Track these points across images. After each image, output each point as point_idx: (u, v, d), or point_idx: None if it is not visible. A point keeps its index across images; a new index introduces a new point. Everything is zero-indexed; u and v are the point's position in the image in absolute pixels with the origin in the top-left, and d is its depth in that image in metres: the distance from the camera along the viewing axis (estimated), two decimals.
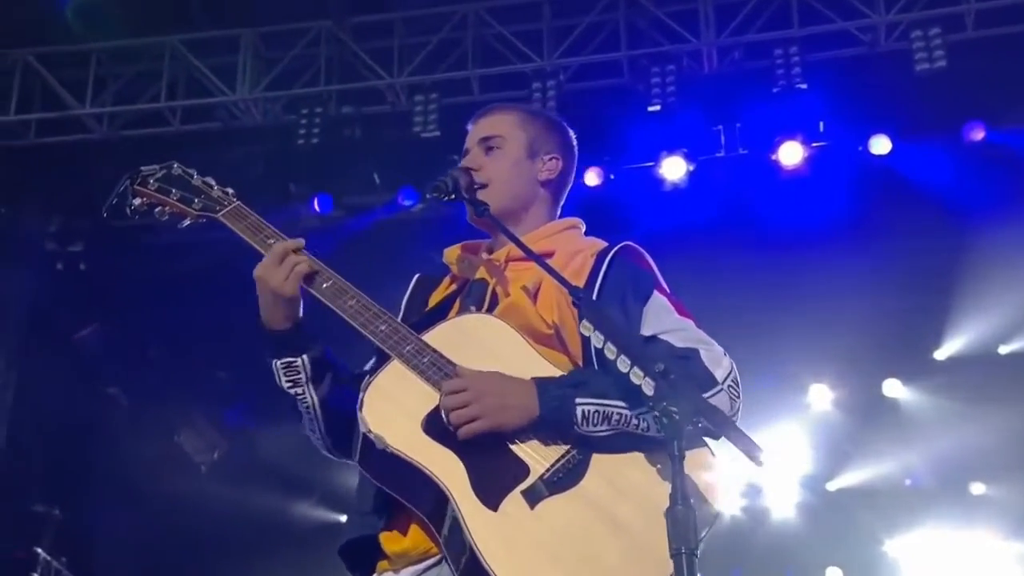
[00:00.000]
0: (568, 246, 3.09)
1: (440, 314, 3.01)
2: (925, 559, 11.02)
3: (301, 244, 2.95)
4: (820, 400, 11.01)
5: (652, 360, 2.52)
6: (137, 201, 3.12)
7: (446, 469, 2.62)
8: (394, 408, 2.71)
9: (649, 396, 2.49)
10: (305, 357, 2.91)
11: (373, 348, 2.93)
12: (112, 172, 3.16)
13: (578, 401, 2.67)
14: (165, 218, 3.12)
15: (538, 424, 2.68)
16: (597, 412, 2.67)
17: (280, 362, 2.91)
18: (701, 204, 9.11)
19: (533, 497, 2.62)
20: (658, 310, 2.92)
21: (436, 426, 2.68)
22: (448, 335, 2.84)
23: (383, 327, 2.83)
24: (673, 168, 9.03)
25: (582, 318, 2.65)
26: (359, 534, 2.85)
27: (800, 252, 9.15)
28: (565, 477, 2.65)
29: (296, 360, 2.91)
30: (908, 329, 10.23)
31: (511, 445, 2.69)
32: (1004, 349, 10.35)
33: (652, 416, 2.52)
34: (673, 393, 2.45)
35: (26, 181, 9.64)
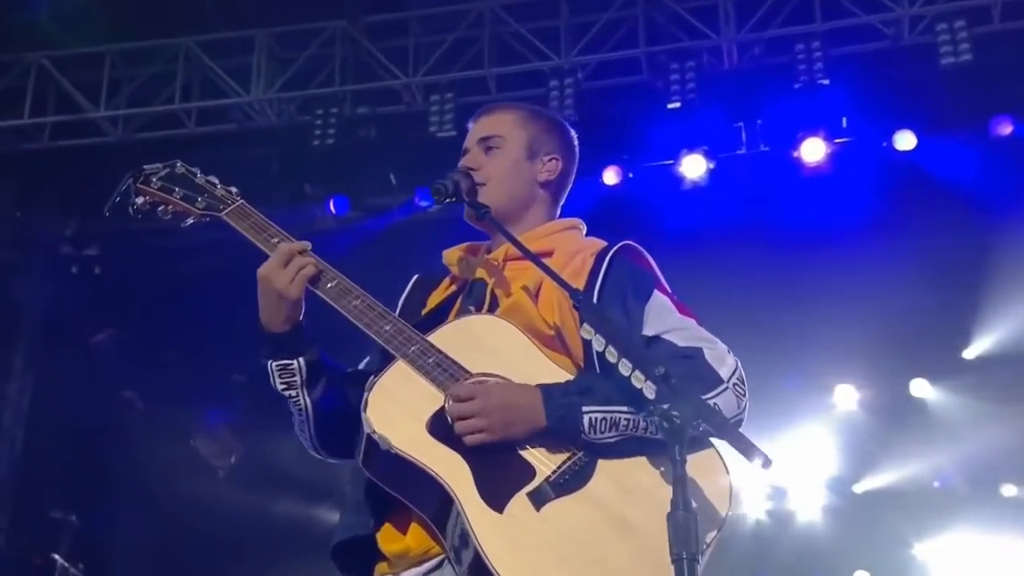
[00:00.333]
0: (568, 246, 3.10)
1: (440, 315, 3.02)
2: (955, 563, 10.95)
3: (307, 246, 2.96)
4: (846, 401, 10.97)
5: (654, 363, 2.52)
6: (140, 200, 3.13)
7: (451, 470, 2.63)
8: (399, 409, 2.72)
9: (650, 400, 2.49)
10: (301, 360, 2.92)
11: (375, 347, 2.94)
12: (127, 175, 3.16)
13: (585, 409, 2.67)
14: (168, 217, 3.14)
15: (545, 433, 2.69)
16: (604, 420, 2.67)
17: (276, 364, 2.93)
18: (722, 203, 9.08)
19: (539, 499, 2.62)
20: (660, 310, 2.93)
21: (441, 427, 2.69)
22: (453, 336, 2.85)
23: (388, 327, 2.84)
24: (693, 166, 9.00)
25: (583, 321, 2.66)
26: (352, 535, 2.84)
27: (824, 251, 9.10)
28: (572, 479, 2.65)
29: (292, 363, 2.92)
30: (935, 328, 10.16)
31: (517, 447, 2.69)
32: None
33: (654, 420, 2.52)
34: (674, 397, 2.45)
35: (41, 185, 9.72)
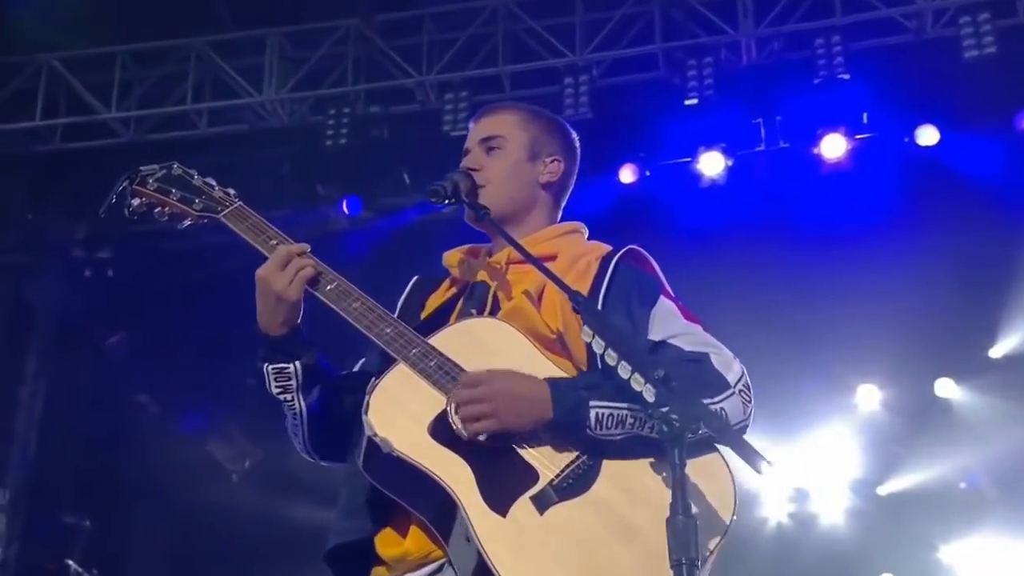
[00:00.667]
0: (571, 250, 3.10)
1: (441, 318, 3.02)
2: (982, 566, 10.87)
3: (306, 248, 2.96)
4: (869, 401, 10.91)
5: (654, 366, 2.52)
6: (136, 202, 3.14)
7: (453, 473, 2.63)
8: (400, 411, 2.72)
9: (650, 403, 2.49)
10: (297, 364, 2.92)
11: (373, 350, 2.95)
12: None
13: (592, 404, 2.67)
14: (165, 219, 3.14)
15: (550, 427, 2.68)
16: (611, 416, 2.67)
17: (272, 367, 2.92)
18: (741, 200, 9.07)
19: (542, 503, 2.62)
20: (665, 315, 2.93)
21: (443, 430, 2.68)
22: (455, 339, 2.85)
23: (388, 330, 2.84)
24: (711, 163, 8.99)
25: (583, 324, 2.66)
26: (348, 539, 2.84)
27: (845, 249, 9.07)
28: (575, 483, 2.65)
29: (288, 366, 2.92)
30: (960, 326, 10.10)
31: (520, 450, 2.69)
32: None
33: (654, 422, 2.51)
34: (674, 399, 2.45)
35: (52, 187, 9.77)
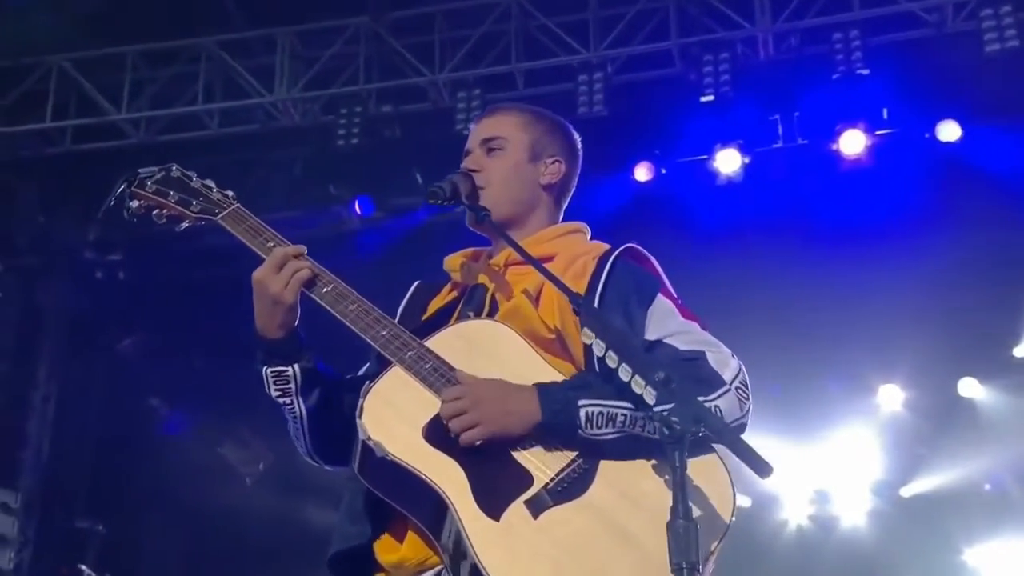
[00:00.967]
0: (570, 250, 3.10)
1: (441, 321, 3.02)
2: (1007, 569, 10.82)
3: (303, 250, 2.97)
4: (891, 401, 10.88)
5: (654, 367, 2.52)
6: (135, 204, 3.15)
7: (447, 477, 2.63)
8: (394, 415, 2.73)
9: (651, 405, 2.49)
10: (296, 367, 2.93)
11: (372, 353, 2.96)
12: None
13: (581, 403, 2.68)
14: (163, 221, 3.16)
15: (541, 430, 2.69)
16: (601, 414, 2.67)
17: (270, 370, 2.94)
18: (758, 198, 9.06)
19: (537, 507, 2.62)
20: (662, 314, 2.92)
21: (438, 434, 2.69)
22: (451, 341, 2.85)
23: (384, 332, 2.85)
24: (728, 161, 8.97)
25: (583, 326, 2.66)
26: (349, 544, 2.85)
27: (864, 247, 9.04)
28: (570, 486, 2.65)
29: (287, 369, 2.93)
30: (984, 325, 10.06)
31: (514, 453, 2.69)
32: None
33: (654, 425, 2.51)
34: (674, 401, 2.45)
35: (63, 189, 9.83)
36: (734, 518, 2.63)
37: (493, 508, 2.61)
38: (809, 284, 9.34)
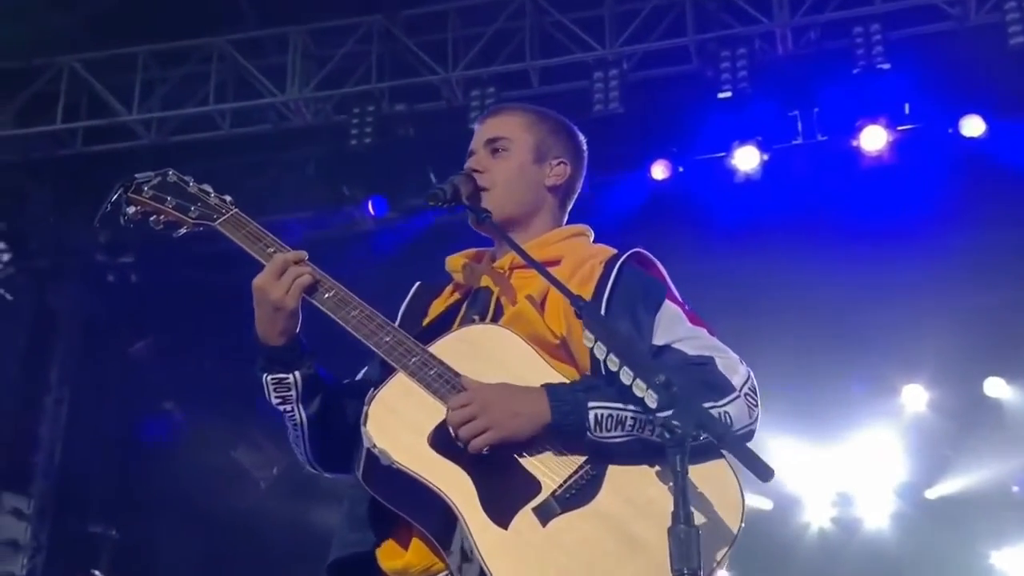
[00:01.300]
0: (575, 253, 3.10)
1: (444, 324, 3.03)
2: None
3: (304, 256, 2.97)
4: (915, 402, 10.84)
5: (655, 371, 2.53)
6: (131, 210, 3.16)
7: (454, 485, 2.64)
8: (399, 422, 2.74)
9: (652, 409, 2.50)
10: (297, 374, 2.93)
11: (374, 359, 2.96)
12: None
13: (591, 405, 2.68)
14: (160, 227, 3.16)
15: (550, 432, 2.69)
16: (610, 416, 2.68)
17: (271, 377, 2.94)
18: (777, 196, 9.04)
19: (545, 514, 2.63)
20: (670, 319, 2.93)
21: (443, 441, 2.70)
22: (455, 346, 2.86)
23: (387, 338, 2.85)
24: (746, 158, 8.97)
25: (585, 329, 2.67)
26: (350, 551, 2.86)
27: (887, 245, 9.02)
28: (579, 493, 2.66)
29: (287, 377, 2.93)
30: (1010, 323, 10.00)
31: (522, 460, 2.70)
32: None
33: (656, 429, 2.52)
34: (676, 405, 2.45)
35: (74, 191, 9.88)
36: (743, 524, 2.62)
37: (501, 516, 2.62)
38: (830, 283, 9.31)
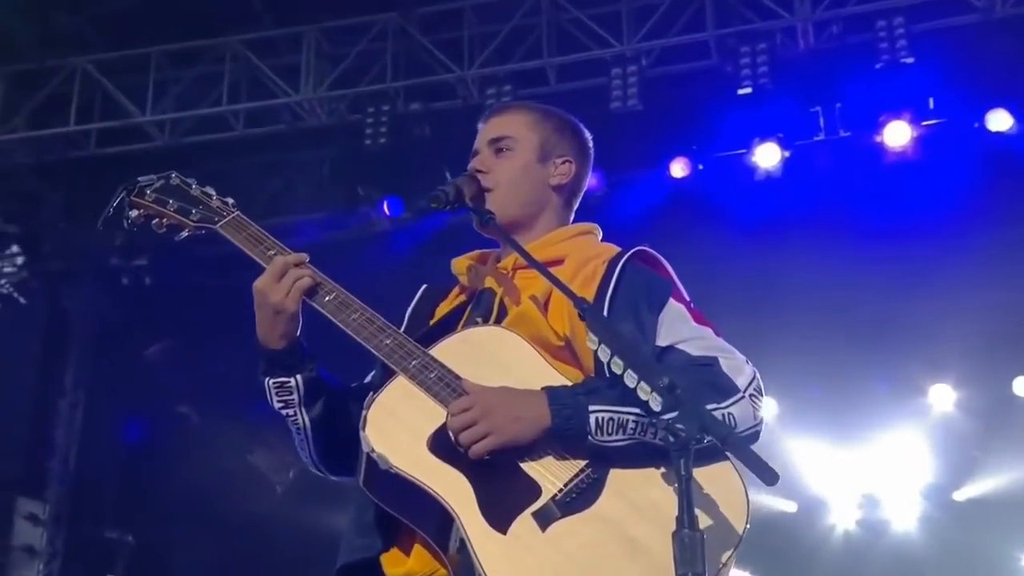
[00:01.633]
0: (580, 253, 3.09)
1: (448, 326, 3.03)
2: None
3: (304, 258, 2.99)
4: (942, 402, 10.79)
5: (659, 373, 2.53)
6: (134, 213, 3.21)
7: (452, 490, 2.65)
8: (398, 426, 2.75)
9: (656, 412, 2.50)
10: (299, 377, 2.96)
11: (377, 362, 2.96)
12: None
13: (591, 408, 2.68)
14: (163, 230, 3.20)
15: (551, 436, 2.69)
16: (612, 420, 2.67)
17: (272, 381, 2.97)
18: (799, 194, 9.02)
19: (545, 519, 2.63)
20: (674, 319, 2.92)
21: (443, 445, 2.70)
22: (457, 349, 2.86)
23: (388, 341, 2.86)
24: (767, 155, 8.95)
25: (588, 331, 2.66)
26: (356, 557, 2.87)
27: (911, 243, 8.99)
28: (579, 497, 2.66)
29: (289, 380, 2.96)
30: None
31: (522, 464, 2.70)
32: None
33: (659, 432, 2.52)
34: (679, 408, 2.46)
35: (88, 193, 9.94)
36: (748, 525, 2.62)
37: (500, 520, 2.62)
38: (854, 282, 9.29)
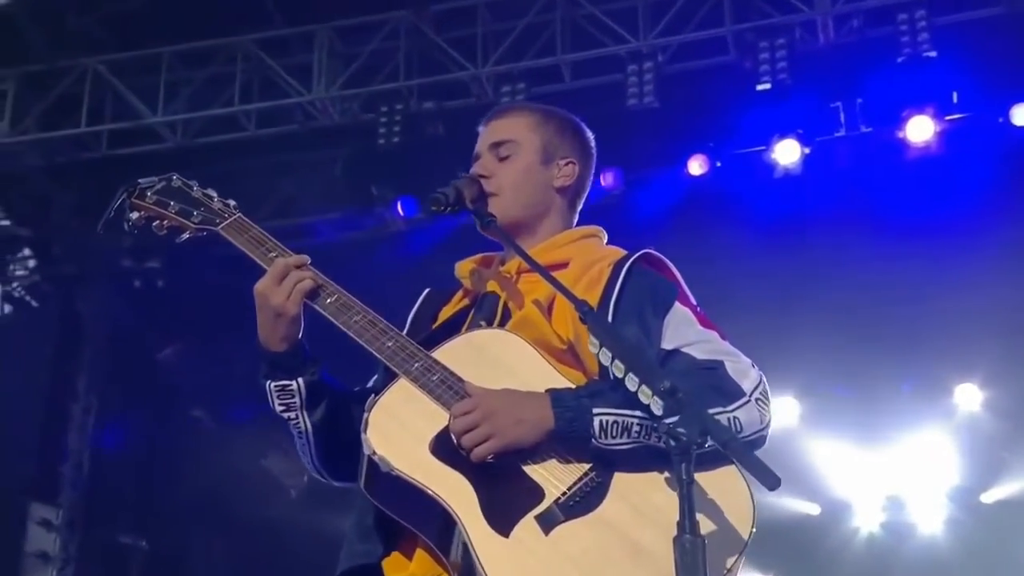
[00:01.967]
0: (584, 256, 3.10)
1: (451, 329, 3.04)
2: None
3: (306, 260, 3.00)
4: (968, 402, 10.74)
5: (660, 377, 2.53)
6: (135, 215, 3.21)
7: (455, 493, 2.66)
8: (400, 429, 2.76)
9: (658, 416, 2.51)
10: (300, 380, 2.96)
11: (380, 365, 2.98)
12: None
13: (595, 411, 2.68)
14: (163, 232, 3.20)
15: (554, 438, 2.70)
16: (616, 423, 2.68)
17: (274, 384, 2.97)
18: (819, 191, 9.02)
19: (548, 522, 2.64)
20: (679, 322, 2.93)
21: (445, 448, 2.71)
22: (459, 351, 2.87)
23: (390, 343, 2.87)
24: (786, 152, 8.93)
25: (590, 335, 2.67)
26: (358, 563, 2.89)
27: (936, 240, 8.97)
28: (583, 501, 2.66)
29: (291, 383, 2.96)
30: None
31: (525, 467, 2.71)
32: None
33: (661, 436, 2.52)
34: (681, 412, 2.46)
35: (99, 196, 9.98)
36: (754, 530, 2.63)
37: (502, 523, 2.62)
38: (876, 280, 9.27)
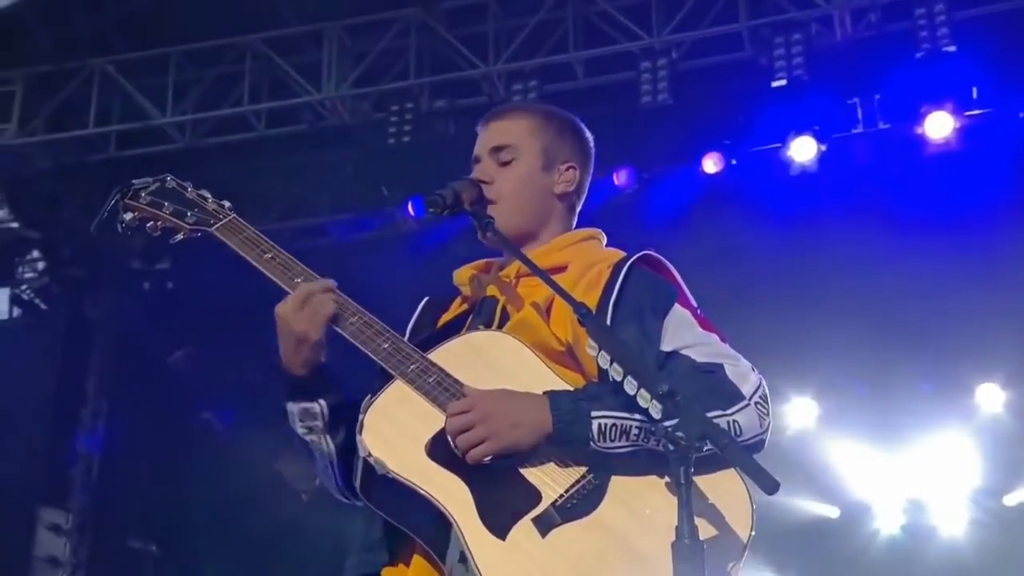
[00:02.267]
0: (583, 258, 3.10)
1: (449, 334, 3.04)
2: None
3: (331, 285, 2.98)
4: (990, 402, 10.65)
5: (659, 380, 2.54)
6: (128, 216, 3.23)
7: (450, 495, 2.67)
8: (396, 431, 2.77)
9: (656, 419, 2.51)
10: (322, 402, 2.95)
11: (374, 368, 2.97)
12: (195, 182, 3.29)
13: (594, 414, 2.69)
14: (157, 233, 3.23)
15: (552, 442, 2.71)
16: (614, 426, 2.69)
17: (296, 407, 2.96)
18: (836, 188, 9.01)
19: (545, 525, 2.64)
20: (679, 324, 2.93)
21: (441, 449, 2.72)
22: (456, 353, 2.88)
23: (385, 345, 2.88)
24: (803, 149, 8.92)
25: (588, 337, 2.68)
26: (361, 572, 2.90)
27: (955, 237, 8.91)
28: (580, 503, 2.67)
29: (313, 405, 2.95)
30: None
31: (522, 469, 2.72)
32: None
33: (659, 440, 2.52)
34: (679, 415, 2.47)
35: (107, 197, 10.02)
36: (754, 533, 2.63)
37: (499, 526, 2.63)
38: (895, 279, 9.22)
